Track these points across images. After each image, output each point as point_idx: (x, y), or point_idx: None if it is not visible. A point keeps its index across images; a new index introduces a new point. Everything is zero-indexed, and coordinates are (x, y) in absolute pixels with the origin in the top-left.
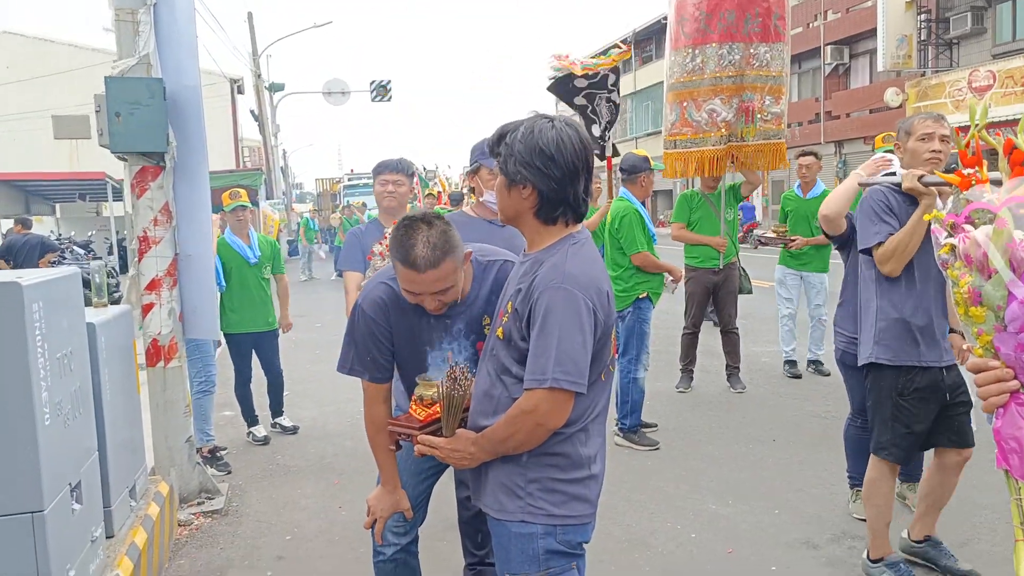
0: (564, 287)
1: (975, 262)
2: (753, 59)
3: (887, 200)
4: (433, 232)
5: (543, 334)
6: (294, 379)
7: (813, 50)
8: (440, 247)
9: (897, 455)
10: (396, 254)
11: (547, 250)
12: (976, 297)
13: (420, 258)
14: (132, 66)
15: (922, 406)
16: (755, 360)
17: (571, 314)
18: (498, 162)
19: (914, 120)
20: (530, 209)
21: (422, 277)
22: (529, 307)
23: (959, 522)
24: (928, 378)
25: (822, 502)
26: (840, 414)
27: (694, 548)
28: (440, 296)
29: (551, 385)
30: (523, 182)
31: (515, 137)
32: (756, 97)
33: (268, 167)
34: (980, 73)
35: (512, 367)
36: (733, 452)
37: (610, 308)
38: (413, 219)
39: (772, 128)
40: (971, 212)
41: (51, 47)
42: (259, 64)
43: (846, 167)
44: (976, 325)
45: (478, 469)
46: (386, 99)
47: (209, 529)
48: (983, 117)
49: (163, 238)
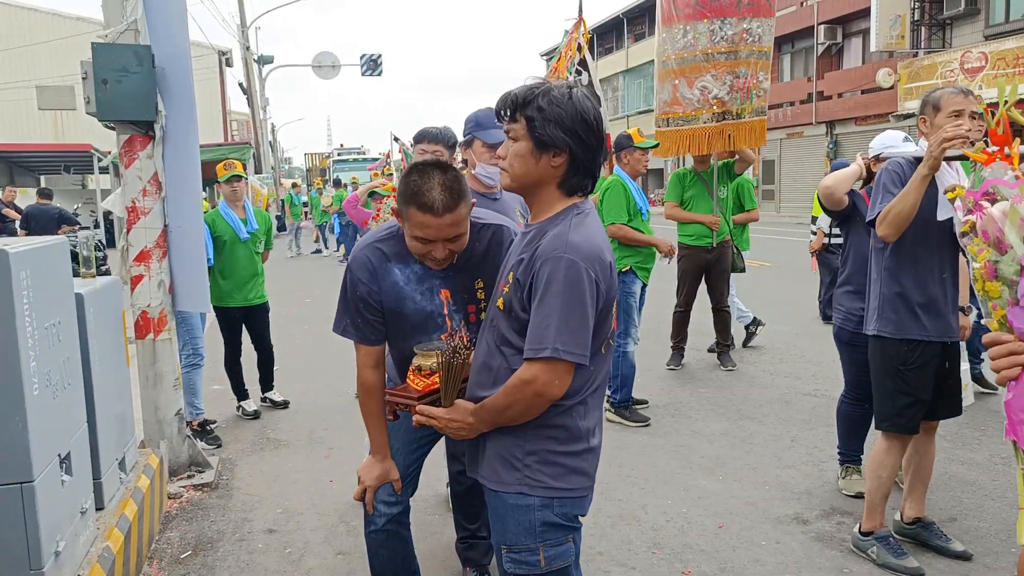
0: (567, 256)
1: (992, 237)
2: (747, 34)
3: (902, 172)
4: (448, 176)
5: (544, 304)
6: (284, 353)
7: (806, 29)
8: (456, 191)
9: (903, 425)
10: (411, 199)
11: (551, 220)
12: (992, 272)
13: (438, 201)
14: (121, 33)
15: (924, 375)
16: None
17: (573, 284)
18: (520, 125)
19: (943, 94)
20: (556, 177)
21: (439, 221)
22: (531, 277)
23: (946, 500)
24: (930, 352)
25: (812, 479)
26: (831, 393)
27: (684, 523)
28: (450, 244)
29: (550, 355)
30: (559, 148)
31: (550, 101)
32: (750, 73)
33: (257, 141)
34: (972, 54)
35: (512, 338)
36: (724, 429)
37: (612, 279)
38: (425, 164)
39: (762, 104)
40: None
41: (35, 16)
42: (248, 36)
43: (837, 148)
44: (992, 299)
45: (475, 440)
46: (377, 73)
47: (199, 502)
48: (1013, 95)
49: (152, 209)
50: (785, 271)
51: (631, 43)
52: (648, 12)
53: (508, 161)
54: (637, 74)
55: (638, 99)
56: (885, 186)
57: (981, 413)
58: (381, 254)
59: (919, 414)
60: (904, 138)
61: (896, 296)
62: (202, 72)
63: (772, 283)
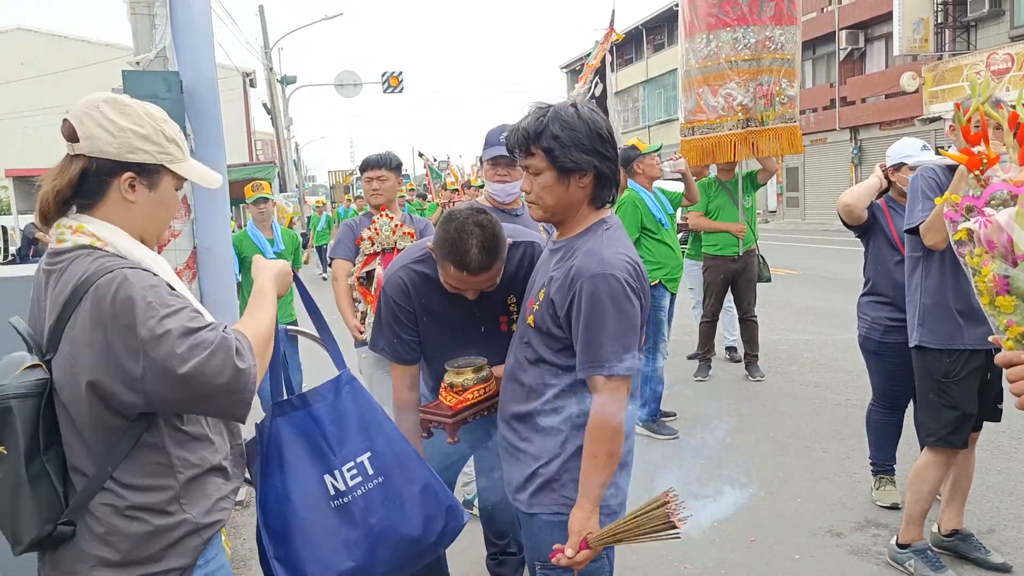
0: (607, 273)
1: (999, 247)
2: (769, 42)
3: (937, 178)
4: (487, 235)
5: (592, 322)
6: (309, 371)
7: (828, 35)
8: (494, 250)
9: (951, 440)
10: (449, 256)
11: (581, 236)
12: (1003, 285)
13: (475, 262)
14: (151, 60)
15: (968, 387)
16: (773, 348)
17: (618, 299)
18: (539, 158)
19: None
20: (586, 197)
21: (475, 279)
22: (570, 296)
23: (984, 510)
24: (975, 361)
25: (845, 490)
26: (861, 402)
27: (716, 537)
28: (483, 287)
29: (608, 373)
30: (584, 169)
31: (563, 124)
32: (773, 80)
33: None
34: (998, 56)
35: (545, 354)
36: (753, 440)
37: (647, 288)
38: (465, 220)
39: (788, 111)
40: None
41: (65, 43)
42: (271, 57)
43: (861, 153)
44: (1005, 315)
45: (515, 464)
46: (398, 90)
47: (232, 520)
48: (984, 91)
49: (182, 231)
50: (812, 279)
51: (651, 53)
52: (667, 22)
53: (535, 195)
54: (657, 84)
55: (658, 110)
56: (924, 192)
57: (1019, 421)
58: (416, 275)
59: (967, 428)
60: (923, 146)
61: (937, 305)
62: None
63: (799, 291)
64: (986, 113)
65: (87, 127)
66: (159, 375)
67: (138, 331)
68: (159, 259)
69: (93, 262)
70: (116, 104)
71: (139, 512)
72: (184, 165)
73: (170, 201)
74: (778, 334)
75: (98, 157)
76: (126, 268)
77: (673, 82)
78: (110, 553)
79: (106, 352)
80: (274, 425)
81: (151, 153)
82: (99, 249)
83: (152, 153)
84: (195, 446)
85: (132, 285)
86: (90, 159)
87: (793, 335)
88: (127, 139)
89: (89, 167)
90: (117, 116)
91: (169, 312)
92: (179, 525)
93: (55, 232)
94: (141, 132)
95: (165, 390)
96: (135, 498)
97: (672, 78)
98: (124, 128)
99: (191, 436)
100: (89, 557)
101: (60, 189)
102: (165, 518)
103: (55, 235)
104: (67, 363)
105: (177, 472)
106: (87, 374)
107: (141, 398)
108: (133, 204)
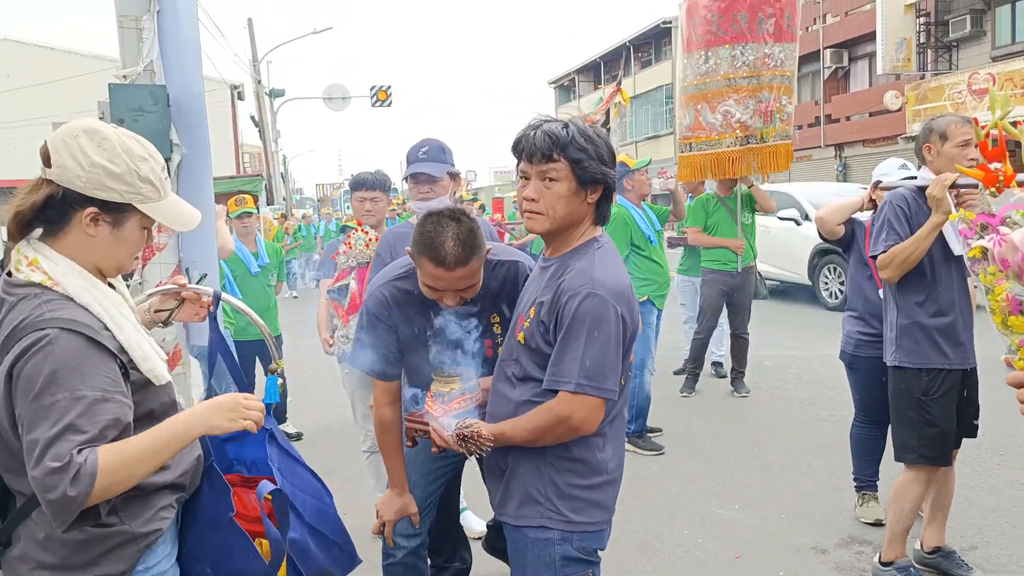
0: (595, 293)
1: (1013, 267)
2: (768, 59)
3: (906, 206)
4: (462, 229)
5: (570, 338)
6: (297, 385)
7: (812, 53)
8: (469, 245)
9: (933, 458)
10: (424, 250)
11: (571, 254)
12: (1016, 305)
13: (450, 256)
14: (139, 73)
15: (946, 405)
16: (759, 363)
17: (601, 321)
18: (563, 165)
19: (948, 123)
20: (591, 212)
21: (450, 275)
22: (557, 312)
23: (966, 526)
24: (951, 380)
25: (830, 506)
26: (847, 418)
27: (701, 553)
28: (462, 293)
29: (574, 389)
30: (599, 183)
31: (587, 138)
32: (773, 97)
33: (268, 173)
34: (980, 76)
35: (534, 372)
36: (739, 456)
37: (636, 313)
38: (441, 215)
39: (786, 128)
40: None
41: (50, 54)
42: (259, 70)
43: (846, 170)
44: (1017, 336)
45: (499, 479)
46: (386, 104)
47: None
48: (1004, 106)
49: (167, 244)
50: (797, 295)
51: (638, 70)
52: (655, 39)
53: (546, 204)
54: (644, 100)
55: (646, 125)
56: (889, 222)
57: (1000, 437)
58: (398, 291)
59: (947, 446)
60: (900, 165)
61: (914, 325)
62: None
63: (785, 307)
64: (1005, 129)
65: (61, 156)
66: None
67: (29, 401)
68: (111, 297)
69: (36, 307)
70: (96, 136)
71: (75, 521)
72: (156, 206)
73: (133, 240)
74: (764, 350)
75: (65, 187)
76: (59, 328)
77: (660, 98)
78: (48, 557)
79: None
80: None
81: (120, 192)
82: (49, 290)
83: (121, 192)
84: None
85: (51, 353)
86: (58, 187)
87: (779, 351)
88: (96, 176)
89: (55, 194)
90: (92, 150)
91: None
92: (115, 535)
93: (14, 257)
94: (113, 171)
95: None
96: None
97: (659, 94)
98: (96, 164)
99: None
100: (30, 559)
101: (22, 211)
102: (101, 528)
103: (13, 261)
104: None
105: None
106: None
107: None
108: (92, 238)
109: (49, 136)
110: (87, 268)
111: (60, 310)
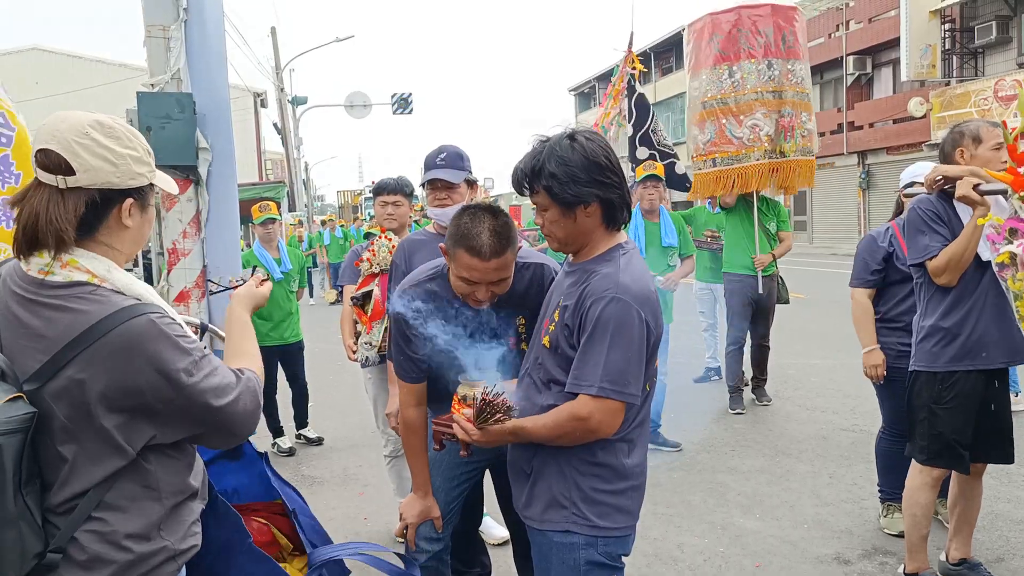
0: (619, 297)
1: None
2: (791, 75)
3: (935, 208)
4: (498, 222)
5: (594, 342)
6: (318, 390)
7: (835, 60)
8: (505, 236)
9: (939, 463)
10: (460, 241)
11: (597, 260)
12: None
13: (487, 246)
14: (167, 82)
15: (959, 413)
16: (780, 372)
17: (625, 325)
18: (542, 196)
19: (979, 126)
20: (597, 223)
21: (486, 265)
22: (581, 315)
23: (992, 539)
24: (967, 385)
25: (852, 517)
26: (870, 428)
27: (722, 563)
28: (494, 287)
29: (596, 392)
30: (586, 201)
31: (558, 160)
32: (794, 113)
33: (291, 179)
34: (1006, 82)
35: (559, 376)
36: (760, 465)
37: (660, 319)
38: (477, 208)
39: (808, 144)
40: None
41: (79, 63)
42: (282, 78)
43: (869, 178)
44: None
45: (524, 482)
46: (407, 112)
47: None
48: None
49: (192, 251)
50: (819, 303)
51: (659, 77)
52: (675, 47)
53: (547, 228)
54: (666, 107)
55: (667, 132)
56: (929, 224)
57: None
58: (426, 293)
59: (953, 455)
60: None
61: (936, 329)
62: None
63: (807, 315)
64: None
65: (84, 159)
66: (185, 409)
67: (172, 372)
68: (150, 288)
69: (103, 301)
70: (103, 128)
71: (122, 539)
72: (157, 176)
73: (152, 215)
74: (786, 358)
75: (100, 188)
76: (149, 313)
77: (681, 105)
78: None
79: (129, 388)
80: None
81: (145, 175)
82: (99, 287)
83: (146, 174)
84: (183, 472)
85: (157, 326)
86: (90, 191)
87: (801, 359)
88: (127, 166)
89: (92, 199)
90: (112, 143)
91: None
92: (159, 552)
93: (37, 261)
94: (136, 156)
95: (188, 422)
96: (119, 523)
97: (680, 101)
98: (121, 155)
99: (180, 462)
100: None
101: (63, 228)
102: (146, 544)
103: (37, 264)
104: (70, 397)
105: (163, 498)
106: (99, 407)
107: (154, 428)
108: (127, 229)
109: (51, 143)
110: (116, 262)
111: (128, 301)
